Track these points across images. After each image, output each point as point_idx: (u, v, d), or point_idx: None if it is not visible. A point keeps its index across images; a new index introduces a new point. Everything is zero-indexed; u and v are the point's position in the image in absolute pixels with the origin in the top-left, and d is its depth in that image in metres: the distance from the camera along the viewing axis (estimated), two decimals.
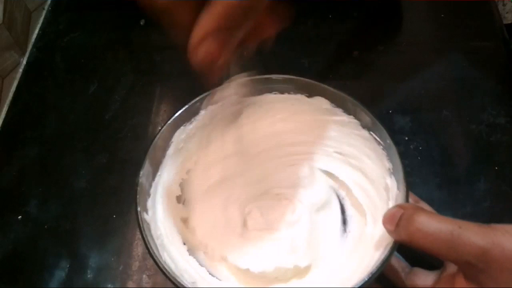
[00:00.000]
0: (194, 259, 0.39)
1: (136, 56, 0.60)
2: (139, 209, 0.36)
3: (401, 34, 0.59)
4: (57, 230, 0.46)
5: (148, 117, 0.53)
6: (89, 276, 0.43)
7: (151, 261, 0.43)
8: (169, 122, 0.40)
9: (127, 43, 0.62)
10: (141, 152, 0.48)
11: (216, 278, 0.39)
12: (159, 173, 0.40)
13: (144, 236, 0.35)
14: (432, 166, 0.47)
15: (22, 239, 0.46)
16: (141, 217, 0.36)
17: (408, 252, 0.38)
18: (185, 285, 0.33)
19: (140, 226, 0.35)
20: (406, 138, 0.49)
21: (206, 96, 0.41)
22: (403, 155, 0.37)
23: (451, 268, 0.33)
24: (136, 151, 0.51)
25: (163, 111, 0.54)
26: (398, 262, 0.37)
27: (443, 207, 0.44)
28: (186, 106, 0.41)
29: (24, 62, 0.60)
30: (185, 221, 0.42)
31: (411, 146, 0.48)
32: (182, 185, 0.43)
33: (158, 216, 0.39)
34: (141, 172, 0.37)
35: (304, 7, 0.61)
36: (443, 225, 0.30)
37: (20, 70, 0.59)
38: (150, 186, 0.39)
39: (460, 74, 0.54)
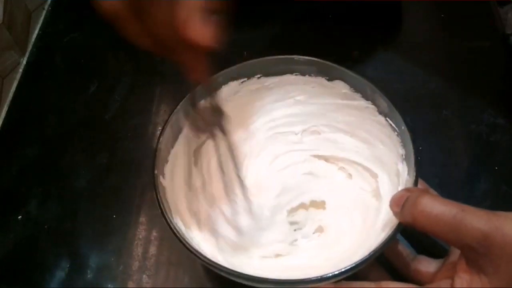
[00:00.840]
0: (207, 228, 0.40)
1: (136, 56, 0.60)
2: (156, 172, 0.37)
3: (401, 34, 0.59)
4: (57, 230, 0.46)
5: (148, 117, 0.53)
6: (89, 276, 0.43)
7: (151, 261, 0.44)
8: (193, 91, 0.40)
9: (127, 43, 0.62)
10: (141, 152, 0.49)
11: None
12: (178, 141, 0.41)
13: (159, 199, 0.35)
14: (432, 166, 0.47)
15: (22, 239, 0.46)
16: (157, 181, 0.36)
17: (413, 240, 0.39)
18: (194, 247, 0.33)
19: (156, 189, 0.36)
20: None
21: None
22: None
23: (455, 255, 0.34)
24: (136, 151, 0.51)
25: (163, 111, 0.54)
26: (404, 249, 0.38)
27: None
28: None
29: (24, 62, 0.60)
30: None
31: None
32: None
33: (175, 182, 0.40)
34: (161, 138, 0.38)
35: (304, 7, 0.61)
36: (446, 208, 0.30)
37: (20, 70, 0.59)
38: (169, 153, 0.40)
39: (460, 74, 0.54)
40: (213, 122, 0.39)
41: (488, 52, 0.55)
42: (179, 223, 0.36)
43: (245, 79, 0.43)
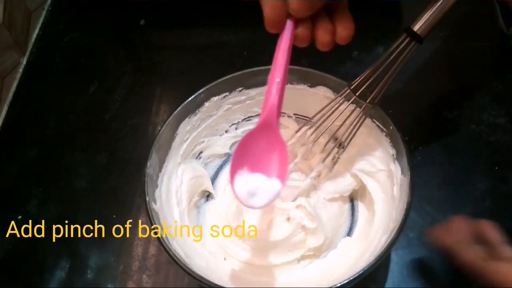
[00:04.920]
0: (204, 247, 0.40)
1: (136, 56, 0.60)
2: (147, 199, 0.37)
3: (401, 34, 0.59)
4: (57, 230, 0.46)
5: (148, 117, 0.53)
6: (89, 276, 0.43)
7: (151, 261, 0.44)
8: (174, 113, 0.41)
9: (127, 43, 0.62)
10: (141, 152, 0.48)
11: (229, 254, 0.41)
12: (165, 164, 0.41)
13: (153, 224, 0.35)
14: (432, 166, 0.47)
15: (22, 239, 0.46)
16: (150, 207, 0.36)
17: None
18: (195, 271, 0.33)
19: (149, 216, 0.36)
20: (406, 138, 0.49)
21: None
22: None
23: None
24: (136, 151, 0.51)
25: (163, 111, 0.54)
26: (495, 234, 0.34)
27: (443, 207, 0.44)
28: (191, 98, 0.42)
29: (24, 62, 0.60)
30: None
31: (411, 146, 0.48)
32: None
33: (166, 205, 0.39)
34: (149, 163, 0.38)
35: None
36: None
37: (20, 70, 0.59)
38: (158, 177, 0.40)
39: (460, 74, 0.54)
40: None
41: (488, 52, 0.55)
42: (178, 249, 0.36)
43: (227, 93, 0.43)
